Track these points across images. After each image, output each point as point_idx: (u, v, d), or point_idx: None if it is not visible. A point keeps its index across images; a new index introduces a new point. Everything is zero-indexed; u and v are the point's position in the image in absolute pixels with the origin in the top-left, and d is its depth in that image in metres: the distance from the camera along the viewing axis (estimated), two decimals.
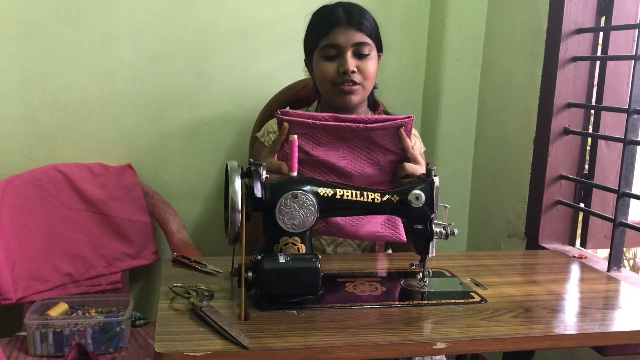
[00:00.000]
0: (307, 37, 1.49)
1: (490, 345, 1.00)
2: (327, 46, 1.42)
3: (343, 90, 1.42)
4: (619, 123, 1.67)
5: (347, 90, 1.42)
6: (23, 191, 1.79)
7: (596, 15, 1.67)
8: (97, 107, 1.92)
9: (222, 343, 0.93)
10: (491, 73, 2.03)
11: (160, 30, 1.92)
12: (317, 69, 1.45)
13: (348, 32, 1.40)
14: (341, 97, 1.43)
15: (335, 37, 1.41)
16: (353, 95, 1.43)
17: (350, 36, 1.40)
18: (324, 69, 1.43)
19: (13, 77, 1.84)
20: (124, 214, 1.87)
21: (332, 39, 1.41)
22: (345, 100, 1.43)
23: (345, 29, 1.41)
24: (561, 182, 1.74)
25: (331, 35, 1.41)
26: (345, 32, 1.40)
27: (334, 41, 1.41)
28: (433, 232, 1.16)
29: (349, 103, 1.44)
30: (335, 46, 1.41)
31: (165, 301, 1.09)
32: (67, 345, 1.59)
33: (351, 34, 1.40)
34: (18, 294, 1.71)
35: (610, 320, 1.10)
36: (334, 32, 1.41)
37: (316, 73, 1.47)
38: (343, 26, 1.41)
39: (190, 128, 2.00)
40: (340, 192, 1.15)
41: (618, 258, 1.54)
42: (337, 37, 1.41)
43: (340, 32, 1.41)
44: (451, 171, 2.12)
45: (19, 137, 1.88)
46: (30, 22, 1.82)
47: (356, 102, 1.45)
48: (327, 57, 1.42)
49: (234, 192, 1.04)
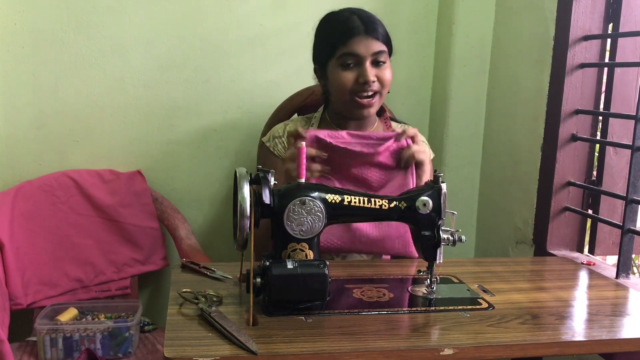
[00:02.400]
0: (322, 45, 1.48)
1: (497, 352, 1.00)
2: (346, 55, 1.41)
3: (362, 103, 1.42)
4: (627, 129, 1.66)
5: (365, 104, 1.43)
6: (33, 197, 1.81)
7: (604, 22, 1.67)
8: (107, 114, 1.94)
9: (230, 348, 0.94)
10: (499, 80, 2.03)
11: (169, 39, 1.93)
12: (335, 79, 1.44)
13: (368, 42, 1.40)
14: (359, 110, 1.44)
15: (355, 46, 1.40)
16: (372, 109, 1.45)
17: (369, 46, 1.40)
18: (343, 78, 1.42)
19: (24, 85, 1.87)
20: (133, 220, 1.88)
21: (351, 48, 1.40)
22: (363, 113, 1.44)
23: (364, 38, 1.40)
24: (569, 188, 1.74)
25: (350, 45, 1.40)
26: (365, 41, 1.40)
27: (353, 50, 1.40)
28: (440, 238, 1.16)
29: (367, 116, 1.46)
30: (354, 55, 1.41)
31: (174, 307, 1.10)
32: (77, 350, 1.60)
33: (370, 43, 1.40)
34: (28, 299, 1.73)
35: (619, 327, 1.09)
36: (352, 42, 1.40)
37: (333, 82, 1.45)
38: (362, 35, 1.40)
39: (199, 135, 2.02)
40: (348, 199, 1.15)
41: (627, 265, 1.53)
42: (356, 46, 1.40)
43: (360, 42, 1.40)
44: (459, 178, 2.12)
45: (29, 143, 1.90)
46: (41, 31, 1.85)
47: (374, 112, 1.47)
48: (345, 65, 1.42)
49: (243, 199, 1.05)
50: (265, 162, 1.57)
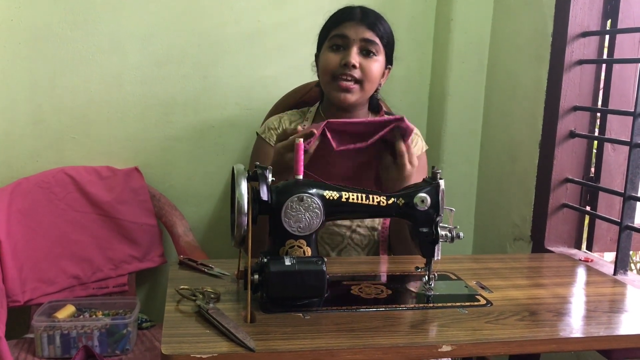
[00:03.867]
0: (321, 31, 1.51)
1: (495, 348, 1.00)
2: (336, 36, 1.44)
3: (340, 86, 1.42)
4: (625, 126, 1.66)
5: (343, 87, 1.42)
6: (31, 194, 1.81)
7: (602, 18, 1.67)
8: (105, 111, 1.93)
9: (228, 345, 0.94)
10: (497, 76, 2.03)
11: (167, 34, 1.93)
12: (322, 60, 1.47)
13: (358, 27, 1.42)
14: (338, 93, 1.43)
15: (345, 29, 1.43)
16: (349, 94, 1.43)
17: (360, 31, 1.42)
18: (327, 59, 1.44)
19: (21, 81, 1.86)
20: (130, 217, 1.88)
21: (342, 30, 1.43)
22: (340, 98, 1.43)
23: (356, 24, 1.43)
24: (567, 185, 1.74)
25: (341, 27, 1.44)
26: (356, 26, 1.43)
27: (342, 32, 1.43)
28: (438, 235, 1.16)
29: (345, 101, 1.43)
30: (343, 37, 1.43)
31: (171, 303, 1.10)
32: (74, 347, 1.60)
33: (361, 29, 1.42)
34: (26, 296, 1.72)
35: (617, 324, 1.09)
36: (344, 25, 1.43)
37: (320, 63, 1.48)
38: (355, 21, 1.43)
39: (197, 131, 2.01)
40: (345, 195, 1.15)
41: (624, 261, 1.53)
42: (346, 29, 1.43)
43: (352, 26, 1.43)
44: (457, 174, 2.12)
45: (27, 140, 1.89)
46: (38, 27, 1.84)
47: (352, 101, 1.44)
48: (333, 47, 1.44)
49: (241, 195, 1.05)
50: (258, 152, 1.56)
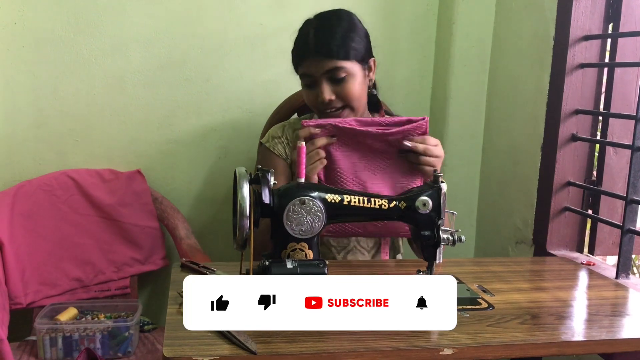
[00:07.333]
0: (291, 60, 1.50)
1: (497, 352, 1.00)
2: (303, 76, 1.44)
3: (330, 115, 1.43)
4: (627, 130, 1.66)
5: (333, 116, 1.44)
6: (33, 197, 1.81)
7: (604, 22, 1.67)
8: (107, 114, 1.94)
9: (230, 348, 0.94)
10: (498, 80, 2.03)
11: (169, 38, 1.93)
12: (303, 95, 1.49)
13: (318, 62, 1.39)
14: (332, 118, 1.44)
15: (307, 68, 1.42)
16: (343, 115, 1.44)
17: (320, 65, 1.39)
18: (307, 97, 1.47)
19: (24, 84, 1.87)
20: (133, 220, 1.88)
21: (304, 69, 1.43)
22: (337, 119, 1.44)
23: (314, 59, 1.39)
24: (569, 188, 1.73)
25: (303, 65, 1.43)
26: (315, 62, 1.39)
27: (305, 71, 1.42)
28: (440, 238, 1.16)
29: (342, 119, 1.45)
30: (308, 76, 1.42)
31: (173, 306, 1.10)
32: (76, 350, 1.60)
33: (321, 63, 1.39)
34: (28, 299, 1.73)
35: (619, 327, 1.09)
36: (304, 62, 1.42)
37: None
38: (312, 56, 1.39)
39: (199, 134, 2.01)
40: (347, 198, 1.15)
41: (626, 265, 1.53)
42: (307, 68, 1.42)
43: (311, 63, 1.40)
44: (459, 177, 2.12)
45: (29, 143, 1.90)
46: (41, 30, 1.85)
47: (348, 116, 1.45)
48: (306, 85, 1.45)
49: (242, 198, 1.05)
50: (263, 162, 1.56)
